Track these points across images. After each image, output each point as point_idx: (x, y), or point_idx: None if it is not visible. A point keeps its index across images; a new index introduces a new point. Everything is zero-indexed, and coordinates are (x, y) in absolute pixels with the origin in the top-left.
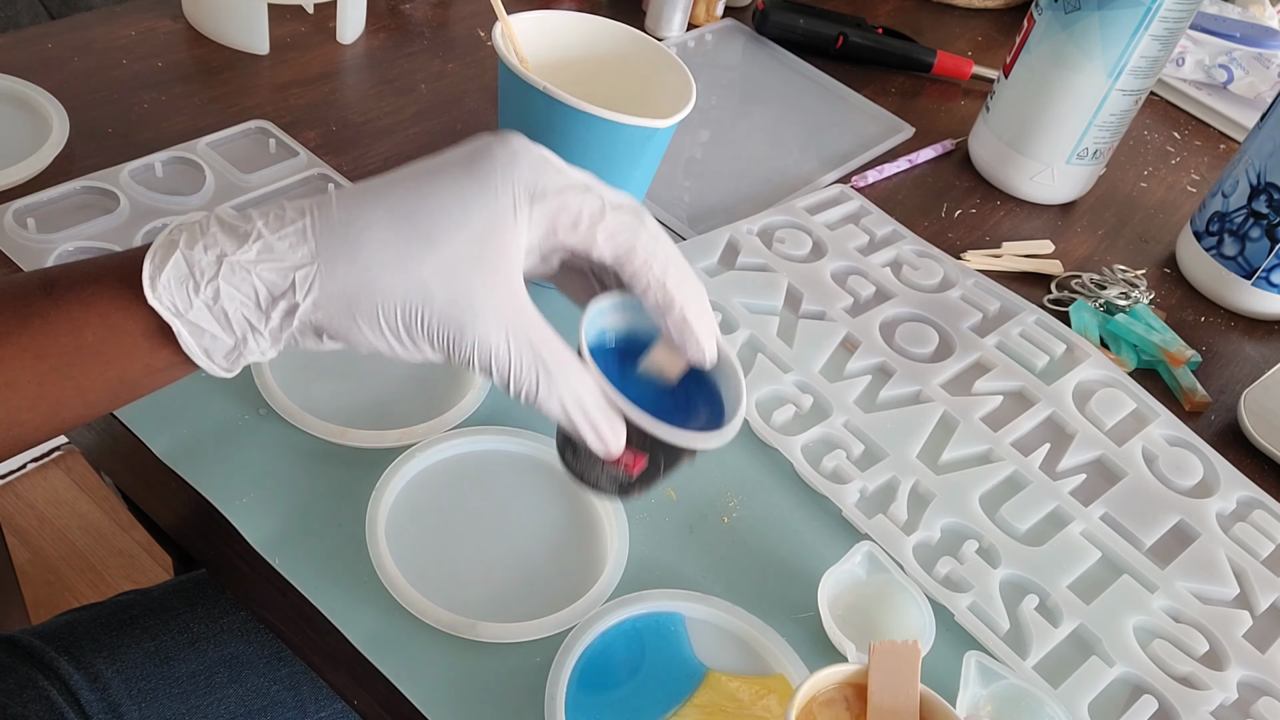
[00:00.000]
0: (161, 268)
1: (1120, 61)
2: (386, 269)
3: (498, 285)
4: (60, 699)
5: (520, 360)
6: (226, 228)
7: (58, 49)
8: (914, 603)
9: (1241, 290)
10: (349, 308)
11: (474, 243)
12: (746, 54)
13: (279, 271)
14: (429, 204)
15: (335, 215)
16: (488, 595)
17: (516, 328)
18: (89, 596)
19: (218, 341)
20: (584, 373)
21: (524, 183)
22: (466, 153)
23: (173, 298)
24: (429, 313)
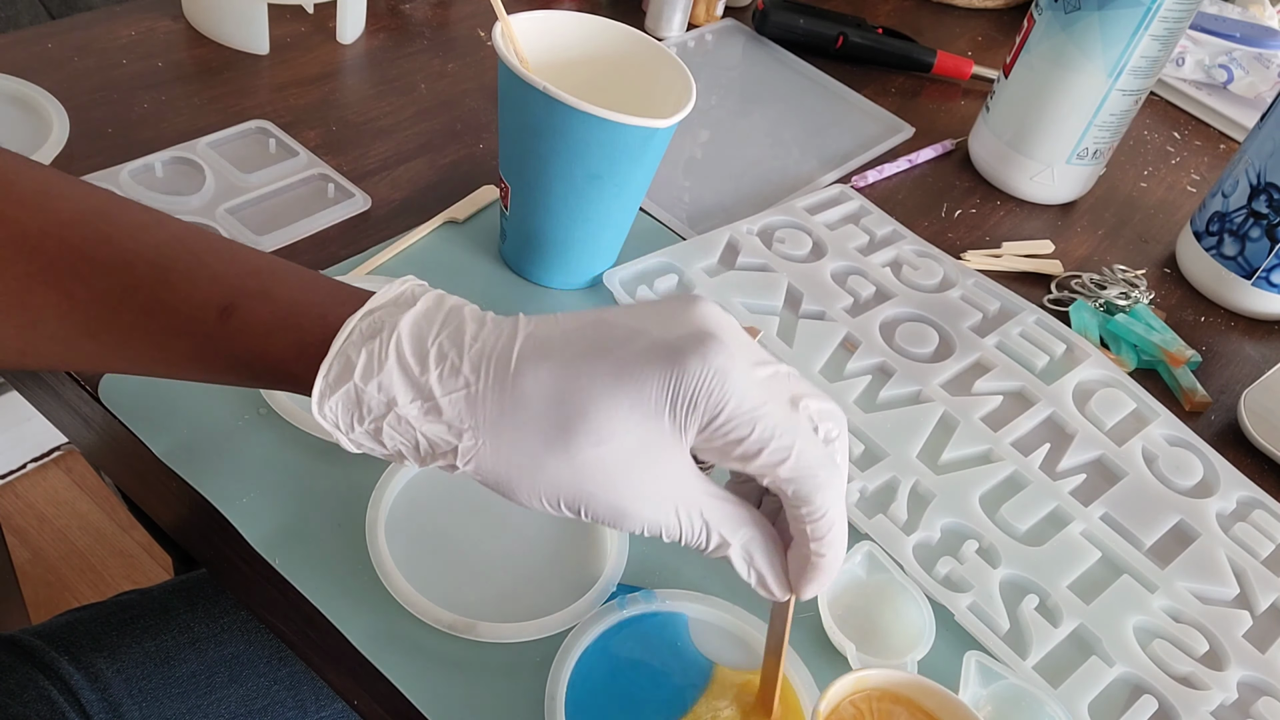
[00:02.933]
0: (334, 389)
1: (1120, 61)
2: (548, 460)
3: (658, 477)
4: (61, 699)
5: (692, 528)
6: (404, 366)
7: (58, 49)
8: (914, 603)
9: (1241, 290)
10: (509, 481)
11: (640, 453)
12: (746, 54)
13: (443, 436)
14: (604, 406)
15: (508, 394)
16: (488, 595)
17: (685, 502)
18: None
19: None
20: (755, 524)
21: (712, 409)
22: (663, 347)
23: (337, 418)
24: (588, 502)
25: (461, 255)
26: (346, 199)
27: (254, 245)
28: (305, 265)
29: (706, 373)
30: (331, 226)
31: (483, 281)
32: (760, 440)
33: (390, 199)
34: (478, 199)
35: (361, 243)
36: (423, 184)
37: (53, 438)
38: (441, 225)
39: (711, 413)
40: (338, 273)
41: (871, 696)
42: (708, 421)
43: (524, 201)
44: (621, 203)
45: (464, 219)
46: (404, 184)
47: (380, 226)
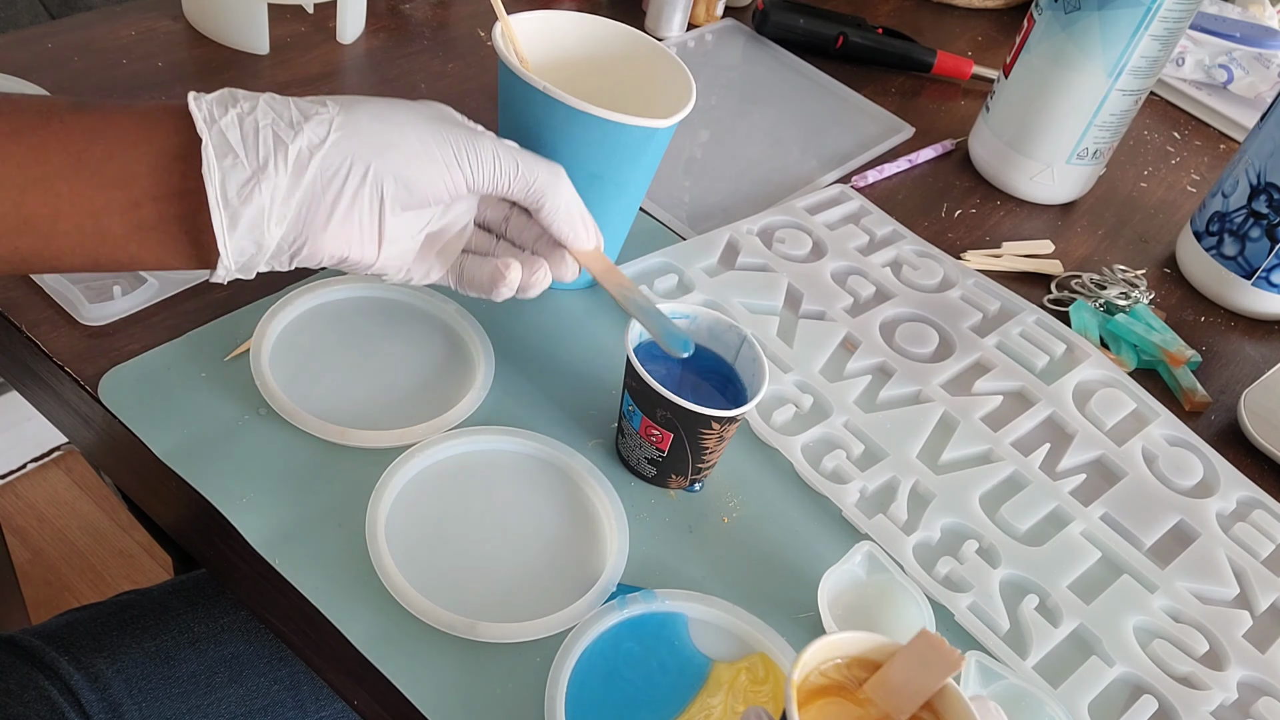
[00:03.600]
0: (207, 93)
1: (1120, 61)
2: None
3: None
4: (61, 699)
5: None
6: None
7: (58, 49)
8: (914, 603)
9: (1241, 290)
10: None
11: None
12: (746, 54)
13: (313, 103)
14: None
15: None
16: (488, 595)
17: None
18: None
19: (237, 167)
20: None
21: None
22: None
23: (211, 108)
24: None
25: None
26: None
27: None
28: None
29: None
30: None
31: None
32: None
33: None
34: None
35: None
36: None
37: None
38: None
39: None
40: (337, 273)
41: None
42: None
43: None
44: (621, 203)
45: None
46: None
47: None
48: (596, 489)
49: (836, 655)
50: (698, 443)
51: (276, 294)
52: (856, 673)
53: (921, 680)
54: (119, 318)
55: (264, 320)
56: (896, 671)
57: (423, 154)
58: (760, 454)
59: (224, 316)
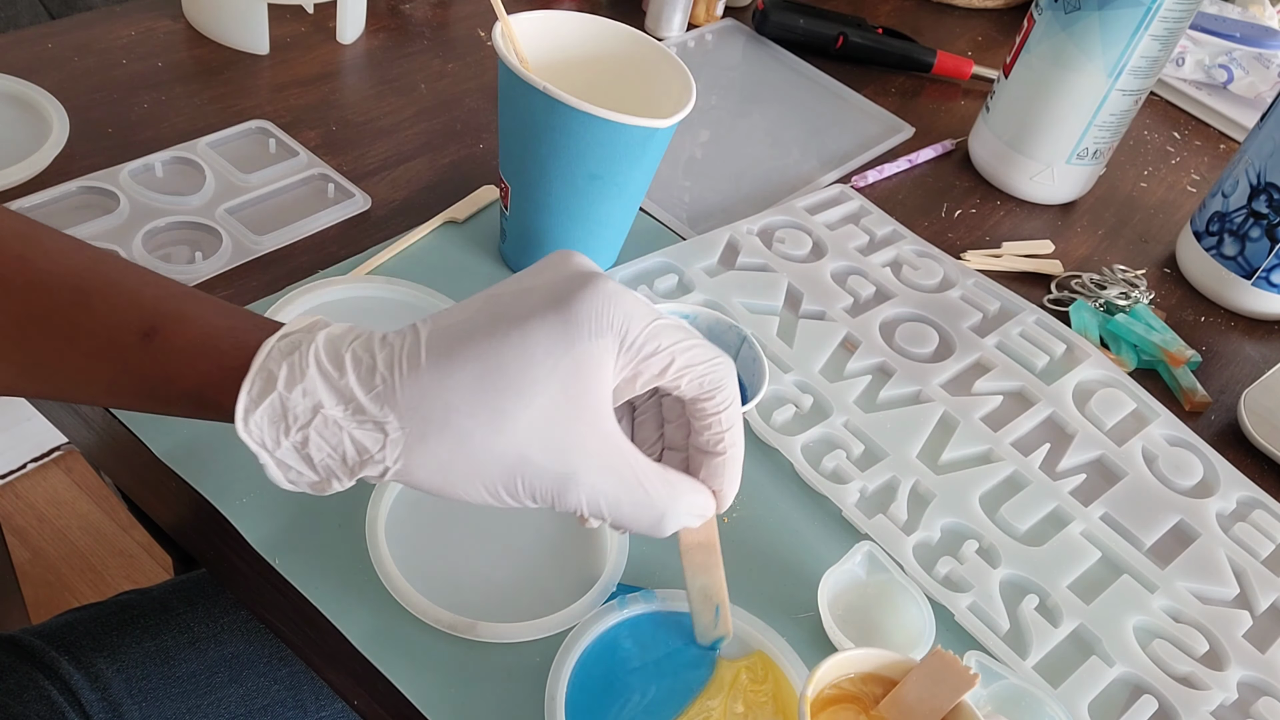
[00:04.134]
0: (257, 403)
1: (1120, 61)
2: (478, 434)
3: (594, 430)
4: (61, 699)
5: (638, 503)
6: (324, 373)
7: (58, 49)
8: (914, 603)
9: (1241, 290)
10: (442, 473)
11: (567, 394)
12: (746, 54)
13: (370, 435)
14: (519, 359)
15: (424, 376)
16: (488, 595)
17: (622, 472)
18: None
19: (303, 477)
20: (692, 488)
21: (615, 330)
22: (553, 294)
23: (263, 435)
24: (529, 474)
25: (461, 255)
26: (346, 199)
27: (254, 245)
28: (305, 265)
29: (600, 300)
30: (331, 226)
31: (483, 281)
32: (668, 347)
33: (390, 199)
34: (478, 199)
35: (361, 243)
36: (423, 184)
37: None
38: (441, 225)
39: (619, 332)
40: (336, 273)
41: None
42: (620, 342)
43: (524, 201)
44: (621, 203)
45: (464, 219)
46: (404, 184)
47: (380, 226)
48: None
49: (850, 671)
50: None
51: (277, 294)
52: (870, 688)
53: (935, 699)
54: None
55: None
56: (911, 690)
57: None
58: (760, 454)
59: None
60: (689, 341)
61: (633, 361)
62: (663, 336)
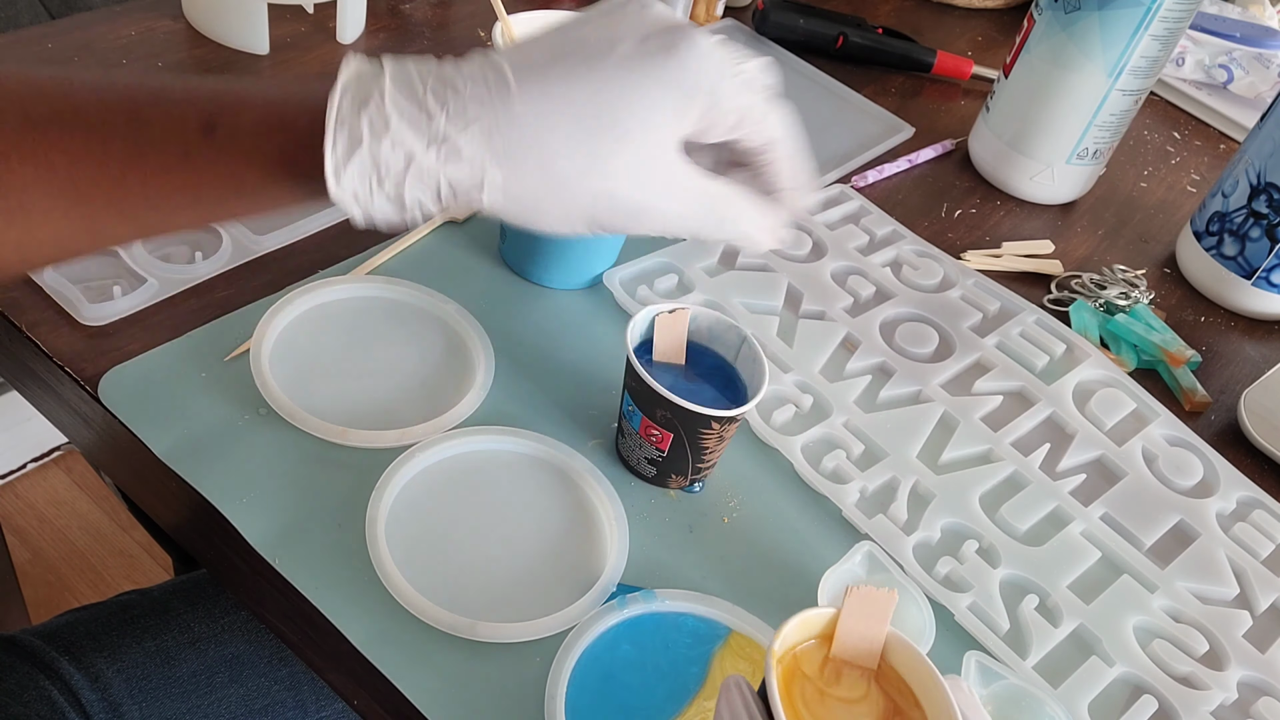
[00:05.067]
0: (347, 160)
1: (1120, 61)
2: (574, 173)
3: (675, 169)
4: (61, 699)
5: (702, 217)
6: (409, 118)
7: (58, 49)
8: (914, 603)
9: (1241, 290)
10: (534, 207)
11: (658, 141)
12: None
13: (467, 173)
14: (620, 103)
15: (520, 116)
16: (488, 595)
17: (691, 193)
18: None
19: (390, 218)
20: (747, 198)
21: (708, 92)
22: (652, 45)
23: (355, 189)
24: (616, 206)
25: (461, 255)
26: None
27: (254, 245)
28: (305, 265)
29: (700, 58)
30: (331, 226)
31: (483, 281)
32: (741, 110)
33: None
34: None
35: (361, 243)
36: None
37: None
38: (441, 225)
39: (708, 100)
40: (336, 273)
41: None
42: (706, 107)
43: None
44: None
45: (464, 219)
46: None
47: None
48: (596, 489)
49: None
50: (697, 443)
51: (276, 294)
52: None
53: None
54: (119, 318)
55: (264, 320)
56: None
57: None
58: (760, 454)
59: (224, 316)
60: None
61: (710, 116)
62: (740, 100)
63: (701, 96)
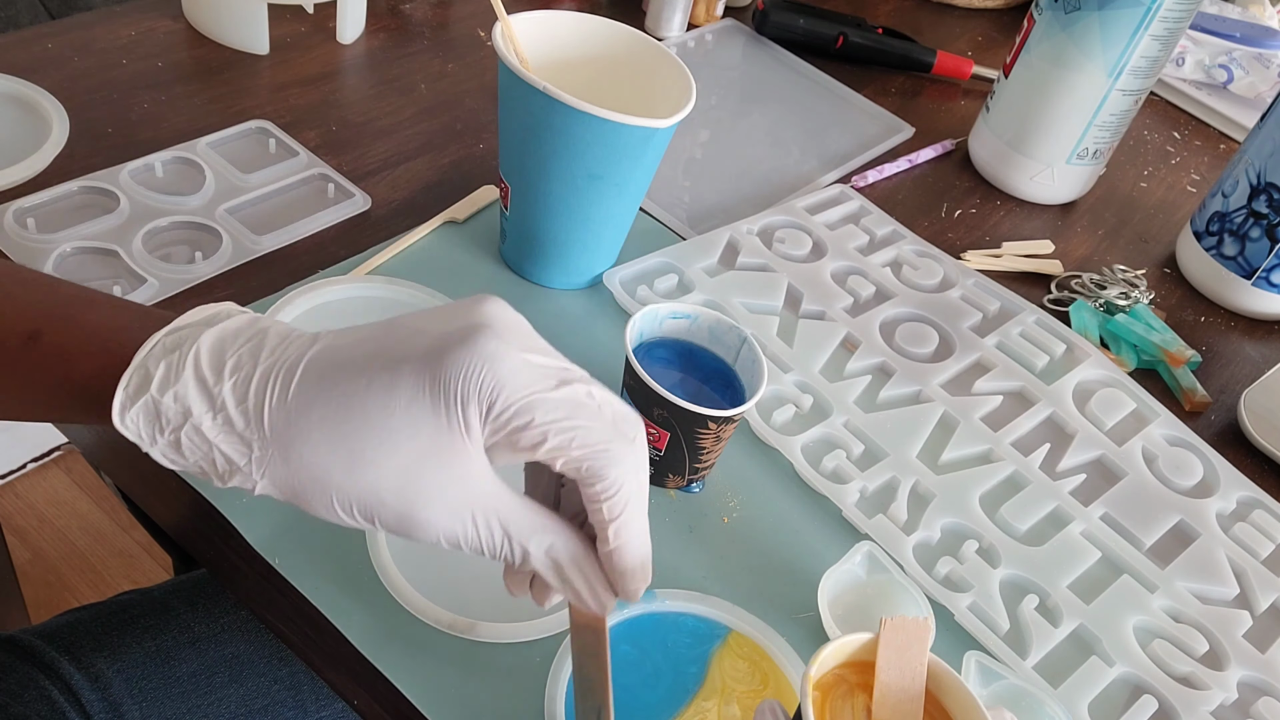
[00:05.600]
0: (132, 401)
1: (1120, 61)
2: (335, 473)
3: (450, 480)
4: (61, 699)
5: (492, 537)
6: (199, 378)
7: (58, 49)
8: (914, 603)
9: (1241, 290)
10: (303, 495)
11: (424, 451)
12: (746, 54)
13: (236, 448)
14: (382, 413)
15: (292, 402)
16: (488, 595)
17: (480, 508)
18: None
19: (178, 466)
20: (558, 530)
21: (481, 397)
22: (435, 345)
23: (139, 429)
24: (383, 512)
25: (461, 255)
26: (346, 199)
27: (254, 245)
28: (305, 265)
29: (473, 362)
30: (331, 226)
31: (483, 282)
32: (543, 424)
33: (390, 199)
34: (478, 199)
35: (361, 243)
36: (423, 184)
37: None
38: (441, 225)
39: (486, 402)
40: (337, 273)
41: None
42: (486, 411)
43: (524, 201)
44: (621, 203)
45: (464, 219)
46: (404, 184)
47: (380, 226)
48: None
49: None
50: (694, 442)
51: (276, 294)
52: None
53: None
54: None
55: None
56: (885, 668)
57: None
58: (760, 454)
59: None
60: (573, 421)
61: (501, 432)
62: (538, 411)
63: (470, 408)
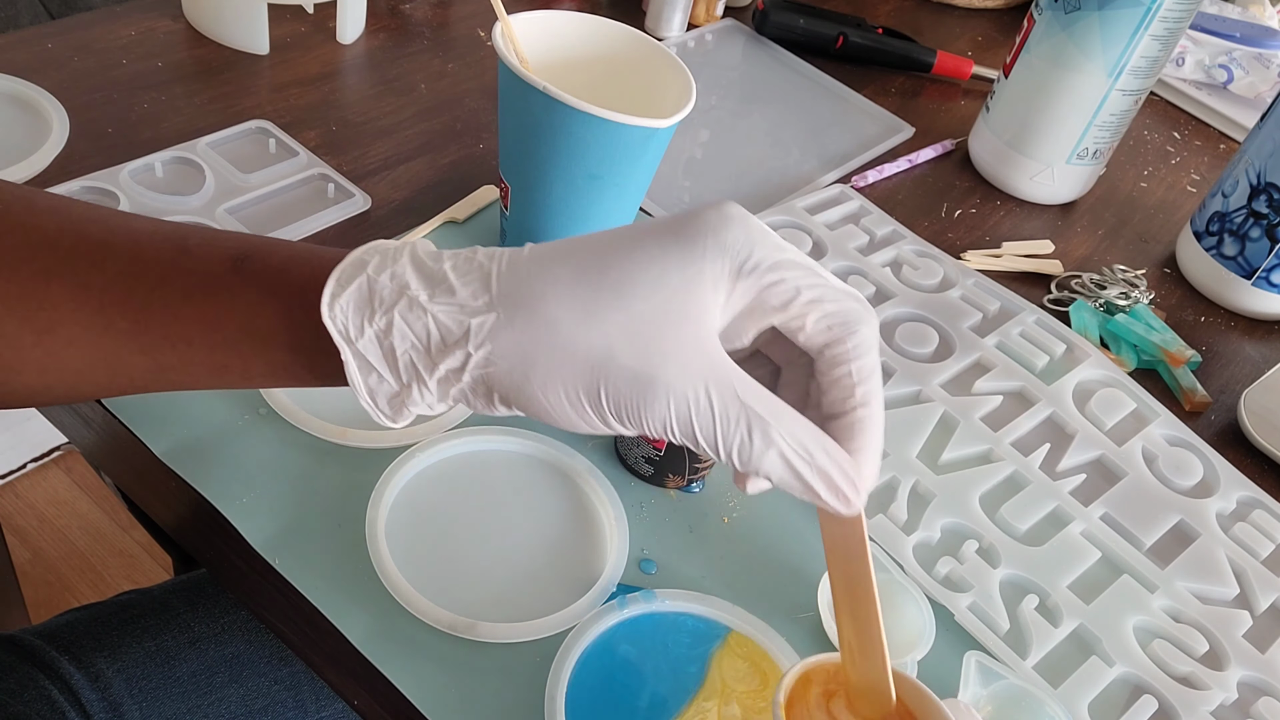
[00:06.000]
0: (345, 287)
1: (1120, 61)
2: (567, 322)
3: (689, 339)
4: (61, 698)
5: (726, 412)
6: (417, 262)
7: (58, 49)
8: (914, 603)
9: (1241, 290)
10: (525, 364)
11: (667, 302)
12: (746, 54)
13: (455, 317)
14: (624, 262)
15: (524, 266)
16: (488, 595)
17: (717, 379)
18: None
19: (383, 384)
20: (803, 419)
21: (734, 250)
22: (677, 218)
23: (347, 320)
24: (613, 372)
25: None
26: (346, 199)
27: None
28: None
29: (727, 222)
30: (331, 226)
31: None
32: (794, 280)
33: (390, 199)
34: (478, 199)
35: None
36: (423, 184)
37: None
38: (441, 225)
39: (740, 256)
40: None
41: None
42: (739, 267)
43: (524, 201)
44: (621, 203)
45: (464, 219)
46: (404, 184)
47: (380, 226)
48: (596, 489)
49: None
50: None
51: None
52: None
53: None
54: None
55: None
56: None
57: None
58: None
59: None
60: (821, 280)
61: (753, 288)
62: (788, 270)
63: (725, 256)
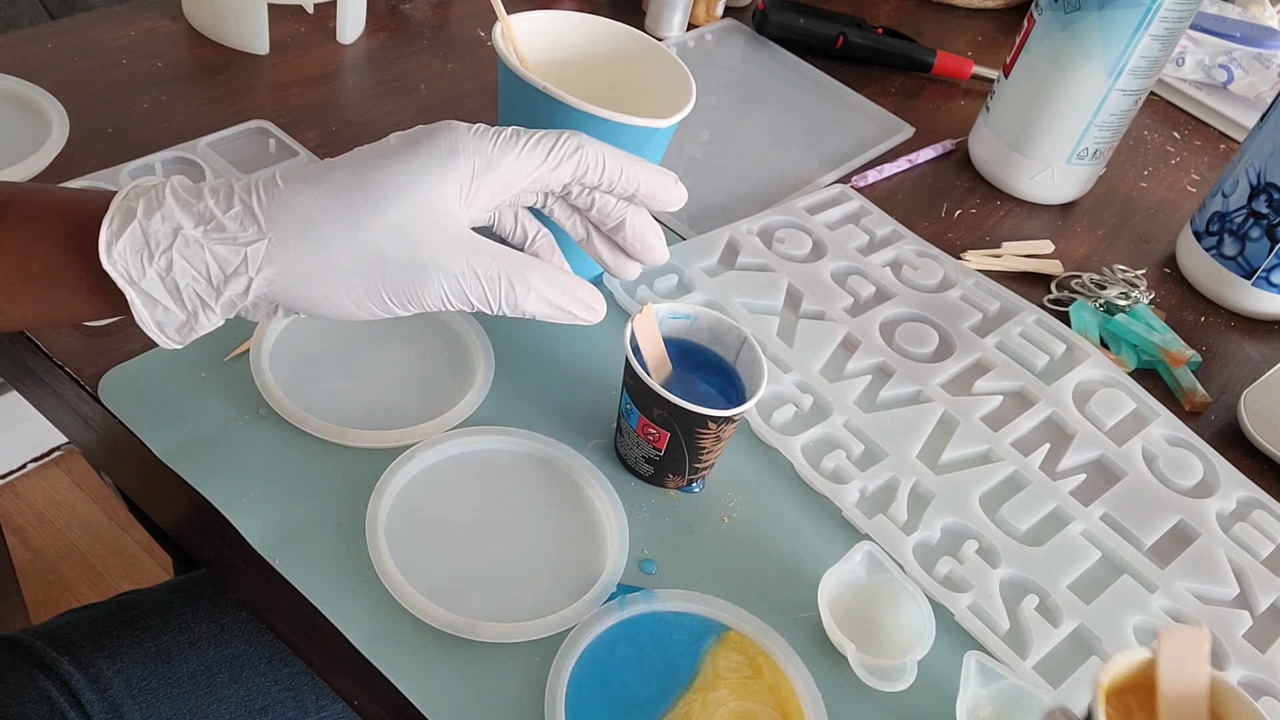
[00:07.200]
0: (119, 235)
1: (1120, 61)
2: (337, 236)
3: (446, 228)
4: (61, 699)
5: (490, 274)
6: (182, 200)
7: (58, 49)
8: (914, 603)
9: (1241, 290)
10: (304, 278)
11: (420, 204)
12: (746, 54)
13: (231, 248)
14: (376, 176)
15: (282, 193)
16: (487, 595)
17: (474, 253)
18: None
19: (170, 315)
20: (548, 264)
21: (465, 150)
22: (410, 137)
23: (127, 265)
24: (386, 271)
25: None
26: None
27: None
28: None
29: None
30: None
31: None
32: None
33: None
34: None
35: None
36: None
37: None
38: None
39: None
40: None
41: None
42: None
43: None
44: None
45: None
46: None
47: None
48: (596, 489)
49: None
50: (694, 442)
51: None
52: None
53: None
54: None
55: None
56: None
57: (350, 308)
58: (760, 454)
59: None
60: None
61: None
62: (510, 157)
63: (461, 157)
